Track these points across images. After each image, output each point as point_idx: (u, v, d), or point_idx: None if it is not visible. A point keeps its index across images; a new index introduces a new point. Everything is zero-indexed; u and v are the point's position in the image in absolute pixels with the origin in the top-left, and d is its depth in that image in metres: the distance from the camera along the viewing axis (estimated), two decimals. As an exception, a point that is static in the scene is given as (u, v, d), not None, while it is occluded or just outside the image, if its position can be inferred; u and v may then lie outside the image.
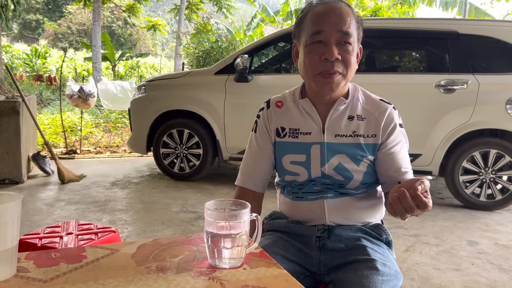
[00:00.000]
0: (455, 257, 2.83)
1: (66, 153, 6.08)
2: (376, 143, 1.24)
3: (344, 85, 1.21)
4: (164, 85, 4.75)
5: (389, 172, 1.24)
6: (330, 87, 1.18)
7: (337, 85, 1.18)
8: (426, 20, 4.25)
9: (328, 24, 1.15)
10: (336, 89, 1.19)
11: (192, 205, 3.79)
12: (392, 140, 1.25)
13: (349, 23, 1.15)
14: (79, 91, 6.06)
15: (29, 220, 3.29)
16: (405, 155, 1.27)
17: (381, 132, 1.24)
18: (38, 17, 36.86)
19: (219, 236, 0.85)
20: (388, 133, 1.24)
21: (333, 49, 1.14)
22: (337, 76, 1.16)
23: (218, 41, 10.34)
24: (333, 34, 1.14)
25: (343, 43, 1.15)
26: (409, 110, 3.87)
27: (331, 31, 1.14)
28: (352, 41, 1.16)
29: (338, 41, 1.15)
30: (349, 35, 1.15)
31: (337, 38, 1.15)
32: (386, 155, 1.25)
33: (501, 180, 3.86)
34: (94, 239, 1.72)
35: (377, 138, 1.24)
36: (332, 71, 1.15)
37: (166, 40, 48.09)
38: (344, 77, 1.18)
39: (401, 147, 1.26)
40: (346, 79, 1.19)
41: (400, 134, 1.26)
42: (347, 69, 1.17)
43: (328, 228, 1.26)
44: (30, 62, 19.36)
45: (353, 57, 1.17)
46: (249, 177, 1.34)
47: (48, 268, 0.83)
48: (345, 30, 1.14)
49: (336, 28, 1.14)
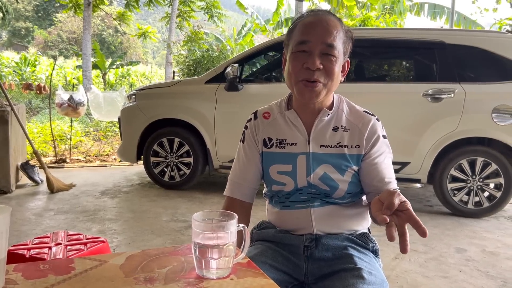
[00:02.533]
0: (443, 265, 2.85)
1: (56, 162, 6.04)
2: (360, 153, 1.26)
3: (326, 95, 1.22)
4: (154, 94, 4.76)
5: (373, 182, 1.26)
6: (310, 96, 1.20)
7: (318, 94, 1.20)
8: (413, 30, 4.31)
9: (314, 35, 1.18)
10: (317, 98, 1.21)
11: (182, 214, 3.78)
12: (376, 150, 1.27)
13: (334, 36, 1.18)
14: (68, 99, 6.03)
15: (17, 230, 3.26)
16: (389, 165, 1.30)
17: (364, 143, 1.26)
18: (28, 25, 36.70)
19: (207, 247, 0.87)
20: (371, 144, 1.27)
21: (315, 59, 1.17)
22: (318, 86, 1.19)
23: (209, 50, 10.37)
24: (318, 45, 1.17)
25: (326, 54, 1.18)
26: (397, 119, 3.92)
27: (316, 42, 1.17)
28: (336, 53, 1.18)
29: (322, 52, 1.17)
30: (333, 48, 1.17)
31: (321, 49, 1.17)
32: (370, 165, 1.27)
33: (488, 187, 3.92)
34: (83, 249, 1.72)
35: (361, 149, 1.26)
36: (312, 79, 1.18)
37: (157, 48, 48.11)
38: (325, 87, 1.20)
39: (385, 157, 1.29)
40: (327, 89, 1.21)
41: (384, 145, 1.29)
42: (328, 79, 1.19)
43: (315, 237, 1.28)
44: (20, 70, 19.22)
45: (336, 68, 1.19)
46: (237, 187, 1.36)
47: (37, 280, 0.84)
48: (330, 42, 1.17)
49: (321, 39, 1.17)
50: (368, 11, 13.19)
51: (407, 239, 0.93)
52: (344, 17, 12.83)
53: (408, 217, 0.96)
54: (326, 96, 1.23)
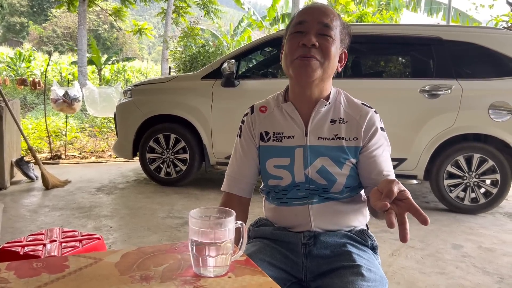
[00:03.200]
0: (440, 261, 2.85)
1: (51, 158, 6.00)
2: (358, 146, 1.25)
3: (322, 76, 1.21)
4: (150, 89, 4.72)
5: (371, 175, 1.25)
6: (306, 70, 1.18)
7: (314, 71, 1.18)
8: (410, 26, 4.30)
9: (310, 15, 1.20)
10: (313, 75, 1.19)
11: (178, 211, 3.76)
12: (374, 143, 1.26)
13: (331, 18, 1.19)
14: (64, 95, 5.99)
15: (12, 227, 3.23)
16: (387, 158, 1.29)
17: (362, 135, 1.25)
18: (23, 20, 36.42)
19: (204, 245, 0.85)
20: (369, 136, 1.26)
21: (311, 36, 1.17)
22: (314, 61, 1.18)
23: (205, 45, 10.32)
24: (314, 24, 1.19)
25: (323, 35, 1.18)
26: (394, 115, 3.91)
27: (312, 22, 1.19)
28: (332, 34, 1.19)
29: (318, 32, 1.18)
30: (329, 28, 1.18)
31: (317, 29, 1.18)
32: (368, 158, 1.26)
33: (484, 184, 3.92)
34: (78, 246, 1.70)
35: (359, 141, 1.25)
36: (308, 55, 1.17)
37: (152, 44, 47.88)
38: (321, 66, 1.19)
39: (383, 150, 1.28)
40: (323, 69, 1.19)
41: (382, 137, 1.28)
42: (324, 57, 1.18)
43: (314, 234, 1.27)
44: (14, 65, 19.09)
45: (333, 48, 1.19)
46: (235, 182, 1.35)
47: (29, 278, 0.82)
48: (326, 22, 1.18)
49: (317, 19, 1.19)
50: (364, 7, 13.17)
51: (407, 227, 0.91)
52: (341, 13, 12.80)
53: (408, 206, 0.95)
54: (323, 80, 1.22)
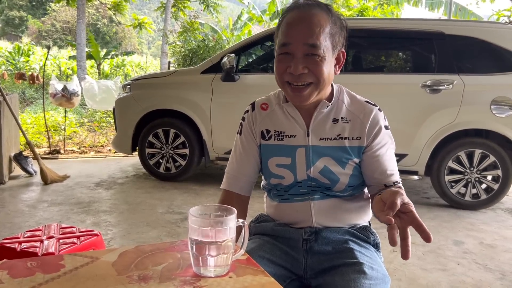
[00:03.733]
0: (441, 257, 2.84)
1: (49, 153, 5.97)
2: (361, 145, 1.23)
3: (319, 93, 1.17)
4: (149, 84, 4.69)
5: (375, 175, 1.23)
6: (299, 100, 1.17)
7: (308, 96, 1.16)
8: (412, 20, 4.26)
9: (295, 36, 1.12)
10: (308, 101, 1.17)
11: (178, 206, 3.74)
12: (378, 142, 1.23)
13: (317, 34, 1.10)
14: (62, 90, 5.95)
15: (10, 222, 3.21)
16: (391, 157, 1.26)
17: (366, 135, 1.22)
18: (22, 14, 36.24)
19: (204, 244, 0.82)
20: (373, 136, 1.23)
21: (298, 64, 1.11)
22: (308, 89, 1.14)
23: (205, 40, 10.27)
24: (299, 47, 1.11)
25: (311, 55, 1.12)
26: (395, 110, 3.88)
27: (297, 44, 1.11)
28: (320, 53, 1.11)
29: (306, 53, 1.12)
30: (316, 47, 1.10)
31: (304, 50, 1.11)
32: (371, 158, 1.23)
33: (485, 179, 3.90)
34: (76, 243, 1.67)
35: (362, 141, 1.22)
36: (299, 83, 1.13)
37: (152, 39, 47.73)
38: (316, 86, 1.15)
39: (387, 149, 1.25)
40: (319, 88, 1.15)
41: (386, 136, 1.25)
42: (318, 79, 1.13)
43: (315, 230, 1.25)
44: (13, 60, 19.00)
45: (325, 67, 1.12)
46: (235, 180, 1.32)
47: (23, 278, 0.79)
48: (312, 43, 1.10)
49: (302, 40, 1.11)
50: (365, 2, 13.09)
51: (408, 243, 0.89)
52: (341, 7, 12.74)
53: (411, 220, 0.93)
54: (320, 94, 1.18)
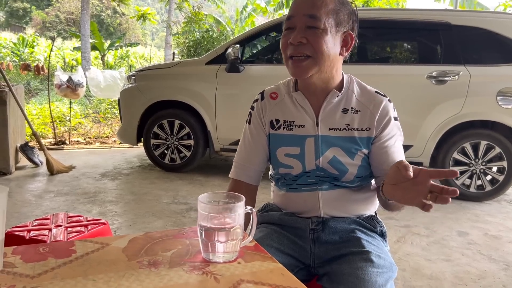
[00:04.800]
0: (446, 248, 2.84)
1: (55, 144, 6.00)
2: (370, 136, 1.22)
3: (320, 70, 1.16)
4: (154, 75, 4.69)
5: (383, 166, 1.22)
6: (300, 71, 1.16)
7: (306, 70, 1.15)
8: (418, 10, 4.23)
9: (297, 9, 1.14)
10: (306, 74, 1.16)
11: (183, 197, 3.76)
12: (387, 133, 1.23)
13: (319, 6, 1.11)
14: (67, 81, 5.96)
15: (17, 211, 3.24)
16: (399, 149, 1.25)
17: (375, 126, 1.21)
18: (26, 5, 36.20)
19: (213, 230, 0.83)
20: (382, 127, 1.22)
21: (297, 33, 1.12)
22: (306, 61, 1.14)
23: (209, 30, 10.23)
24: (301, 18, 1.13)
25: (311, 28, 1.12)
26: (400, 101, 3.85)
27: (299, 16, 1.13)
28: (320, 25, 1.11)
29: (306, 25, 1.12)
30: (316, 18, 1.11)
31: (304, 22, 1.12)
32: (380, 149, 1.22)
33: (490, 171, 3.89)
34: (83, 231, 1.69)
35: (371, 132, 1.22)
36: (298, 54, 1.13)
37: (156, 30, 47.59)
38: (315, 62, 1.14)
39: (395, 140, 1.24)
40: (318, 63, 1.14)
41: (395, 127, 1.25)
42: (316, 52, 1.13)
43: (322, 220, 1.25)
44: (17, 51, 19.03)
45: (324, 41, 1.12)
46: (243, 169, 1.32)
47: (36, 263, 0.80)
48: (311, 13, 1.11)
49: (302, 12, 1.12)
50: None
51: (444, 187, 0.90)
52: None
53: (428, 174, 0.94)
54: (323, 71, 1.17)
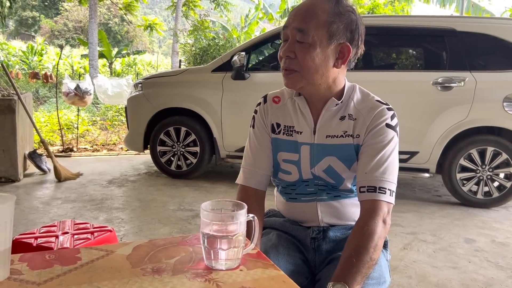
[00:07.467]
0: (452, 255, 2.83)
1: (63, 151, 6.06)
2: (359, 144, 1.18)
3: (310, 84, 1.15)
4: (161, 82, 4.73)
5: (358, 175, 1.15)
6: (290, 84, 1.17)
7: (294, 83, 1.15)
8: (423, 17, 4.24)
9: (290, 20, 1.14)
10: (295, 87, 1.17)
11: (189, 203, 3.78)
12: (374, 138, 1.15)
13: (307, 20, 1.10)
14: (75, 88, 6.02)
15: (25, 218, 3.27)
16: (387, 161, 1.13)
17: (364, 132, 1.17)
18: (35, 14, 36.69)
19: (215, 237, 0.85)
20: (371, 132, 1.16)
21: (287, 47, 1.13)
22: (292, 74, 1.14)
23: (215, 38, 10.30)
24: (292, 30, 1.13)
25: (300, 42, 1.11)
26: (406, 108, 3.86)
27: (290, 28, 1.13)
28: (308, 39, 1.10)
29: (296, 39, 1.12)
30: (304, 33, 1.10)
31: (293, 35, 1.12)
32: (362, 154, 1.16)
33: (498, 177, 3.87)
34: (90, 238, 1.71)
35: (360, 139, 1.18)
36: (288, 68, 1.14)
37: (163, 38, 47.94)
38: (301, 76, 1.13)
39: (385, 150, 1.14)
40: (306, 78, 1.13)
41: (387, 135, 1.15)
42: (302, 67, 1.12)
43: (323, 229, 1.26)
44: (26, 59, 19.27)
45: (311, 56, 1.10)
46: (251, 174, 1.28)
47: (42, 270, 0.82)
48: (300, 27, 1.11)
49: (293, 24, 1.12)
50: (376, -1, 13.00)
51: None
52: (352, 5, 12.65)
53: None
54: (313, 84, 1.15)
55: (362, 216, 1.10)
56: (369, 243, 1.03)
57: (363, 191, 1.12)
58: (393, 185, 1.12)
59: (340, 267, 1.01)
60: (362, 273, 0.99)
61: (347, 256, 1.02)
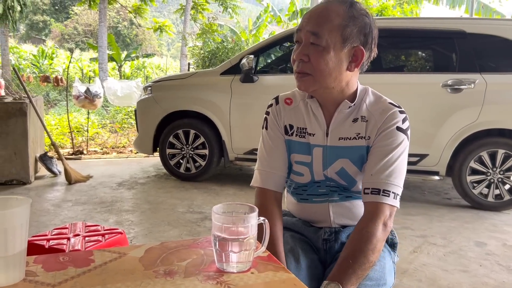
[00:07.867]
0: (463, 258, 2.81)
1: (73, 154, 6.11)
2: (369, 145, 1.19)
3: (323, 87, 1.15)
4: (170, 86, 4.76)
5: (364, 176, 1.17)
6: (302, 85, 1.17)
7: (307, 85, 1.15)
8: (433, 19, 4.22)
9: (303, 23, 1.14)
10: (308, 90, 1.17)
11: (198, 206, 3.79)
12: (383, 140, 1.16)
13: (323, 23, 1.10)
14: (85, 92, 6.08)
15: (36, 220, 3.30)
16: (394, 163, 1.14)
17: (375, 133, 1.17)
18: (45, 18, 37.11)
19: (227, 240, 0.85)
20: (381, 133, 1.16)
21: (301, 50, 1.13)
22: (305, 77, 1.14)
23: (224, 41, 10.34)
24: (305, 33, 1.13)
25: (313, 44, 1.11)
26: (416, 110, 3.84)
27: (304, 31, 1.13)
28: (322, 42, 1.10)
29: (310, 41, 1.12)
30: (318, 36, 1.10)
31: (307, 38, 1.12)
32: (371, 155, 1.17)
33: (509, 180, 3.83)
34: (101, 240, 1.72)
35: (370, 140, 1.18)
36: (300, 71, 1.14)
37: (171, 41, 48.21)
38: (314, 79, 1.13)
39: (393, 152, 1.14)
40: (318, 81, 1.13)
41: (397, 138, 1.15)
42: (315, 71, 1.12)
43: (334, 230, 1.26)
44: (37, 63, 19.48)
45: (324, 60, 1.11)
46: (268, 176, 1.26)
47: (57, 272, 0.83)
48: (314, 30, 1.11)
49: (307, 27, 1.12)
50: (385, 1, 12.97)
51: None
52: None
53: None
54: (326, 87, 1.15)
55: (364, 218, 1.12)
56: (367, 246, 1.05)
57: (367, 192, 1.13)
58: (398, 189, 1.12)
59: (336, 267, 1.04)
60: (357, 274, 1.02)
61: (344, 256, 1.05)
